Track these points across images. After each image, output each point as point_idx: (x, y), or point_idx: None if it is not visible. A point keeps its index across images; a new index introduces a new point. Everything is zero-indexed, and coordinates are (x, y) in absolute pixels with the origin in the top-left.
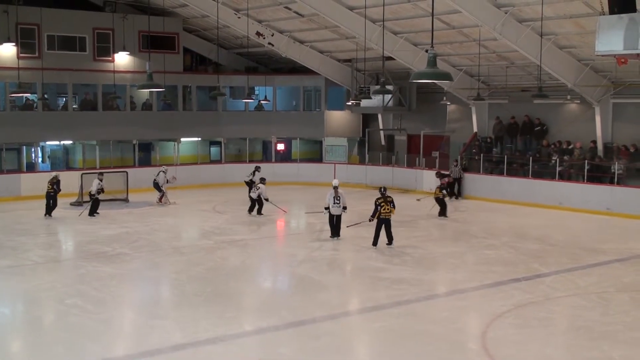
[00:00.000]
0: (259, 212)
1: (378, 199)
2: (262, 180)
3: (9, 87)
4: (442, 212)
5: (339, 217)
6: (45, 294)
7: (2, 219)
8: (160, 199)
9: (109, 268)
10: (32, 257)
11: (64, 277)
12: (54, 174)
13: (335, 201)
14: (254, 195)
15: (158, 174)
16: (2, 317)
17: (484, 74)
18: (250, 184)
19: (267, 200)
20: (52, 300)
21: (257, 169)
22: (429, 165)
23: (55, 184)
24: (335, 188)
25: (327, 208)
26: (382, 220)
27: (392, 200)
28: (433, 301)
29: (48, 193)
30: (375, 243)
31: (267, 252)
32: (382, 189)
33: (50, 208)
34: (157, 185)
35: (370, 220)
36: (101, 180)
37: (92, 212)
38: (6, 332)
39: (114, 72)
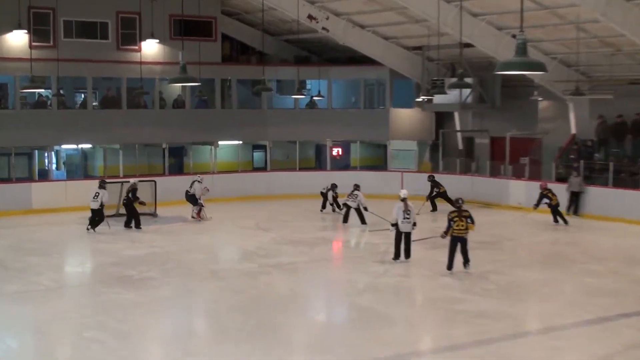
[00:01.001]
0: (363, 222)
1: (452, 212)
2: (357, 187)
3: (19, 81)
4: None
5: (408, 235)
6: (60, 325)
7: (9, 236)
8: (197, 214)
9: (134, 295)
10: (44, 282)
11: (81, 305)
12: (132, 180)
13: (405, 216)
14: (352, 204)
15: (192, 185)
16: (9, 352)
17: (584, 64)
18: (327, 195)
19: (366, 209)
20: (67, 333)
21: (334, 187)
22: (517, 174)
23: (131, 192)
24: (404, 200)
25: (394, 225)
26: (456, 239)
27: (470, 215)
28: (522, 340)
29: (127, 203)
30: (450, 266)
31: (321, 278)
32: (458, 201)
33: (130, 219)
34: (192, 198)
35: (442, 237)
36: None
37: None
38: None
39: (141, 63)
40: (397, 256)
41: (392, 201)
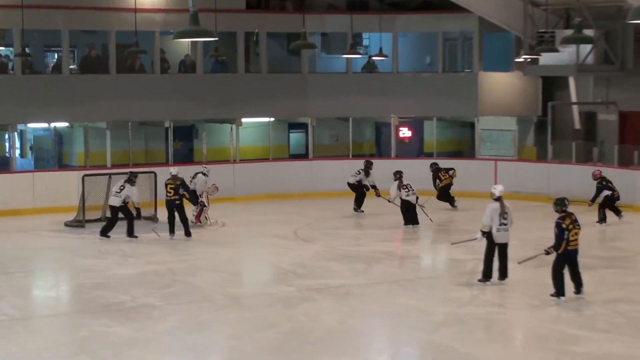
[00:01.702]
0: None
1: (562, 218)
2: (398, 174)
3: None
4: None
5: (505, 247)
6: None
7: None
8: (197, 217)
9: (126, 329)
10: (5, 310)
11: (55, 342)
12: (173, 170)
13: (502, 221)
14: (411, 199)
15: (195, 177)
16: None
17: None
18: (360, 188)
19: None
20: None
21: (369, 165)
22: None
23: (179, 186)
24: (499, 200)
25: (485, 233)
26: (567, 255)
27: (576, 219)
28: None
29: (171, 201)
30: (561, 292)
31: (383, 306)
32: (565, 202)
33: (174, 224)
34: (192, 195)
35: (547, 253)
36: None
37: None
38: None
39: (135, 10)
40: (488, 276)
41: (481, 201)
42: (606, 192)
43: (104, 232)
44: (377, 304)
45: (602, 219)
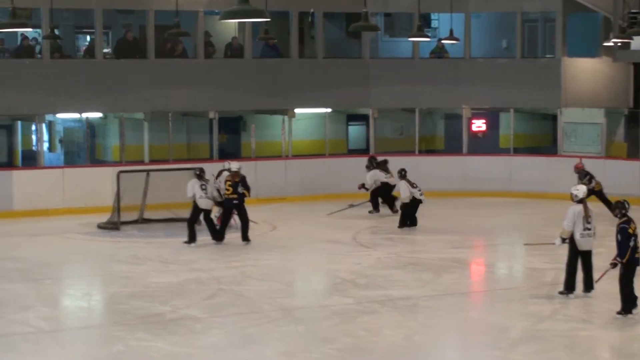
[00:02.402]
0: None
1: (627, 222)
2: (404, 172)
3: None
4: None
5: (589, 255)
6: None
7: None
8: (220, 218)
9: (166, 343)
10: (32, 321)
11: (87, 357)
12: (234, 165)
13: (586, 225)
14: (422, 198)
15: (219, 175)
16: None
17: None
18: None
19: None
20: None
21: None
22: None
23: (238, 183)
24: (582, 202)
25: (565, 239)
26: (634, 264)
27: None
28: None
29: (229, 200)
30: (632, 305)
31: (453, 320)
32: (622, 206)
33: (218, 231)
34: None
35: (613, 266)
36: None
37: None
38: None
39: None
40: (571, 288)
41: (562, 203)
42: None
43: (216, 236)
44: (447, 318)
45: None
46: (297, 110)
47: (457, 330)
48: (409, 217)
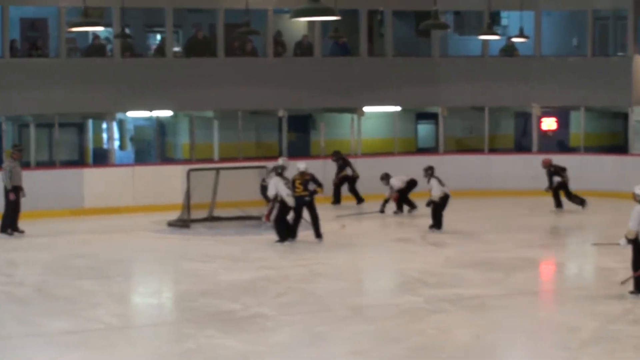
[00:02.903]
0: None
1: None
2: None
3: (65, 15)
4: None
5: None
6: None
7: (52, 249)
8: (267, 215)
9: (237, 341)
10: (103, 317)
11: (157, 354)
12: (301, 165)
13: None
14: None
15: (272, 171)
16: None
17: None
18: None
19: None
20: None
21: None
22: None
23: (308, 181)
24: None
25: (631, 240)
26: None
27: None
28: None
29: (300, 197)
30: None
31: (523, 320)
32: None
33: (290, 230)
34: (265, 192)
35: None
36: None
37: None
38: None
39: None
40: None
41: (633, 202)
42: (557, 179)
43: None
44: (516, 318)
45: (559, 205)
46: (367, 109)
47: (526, 330)
48: (438, 216)
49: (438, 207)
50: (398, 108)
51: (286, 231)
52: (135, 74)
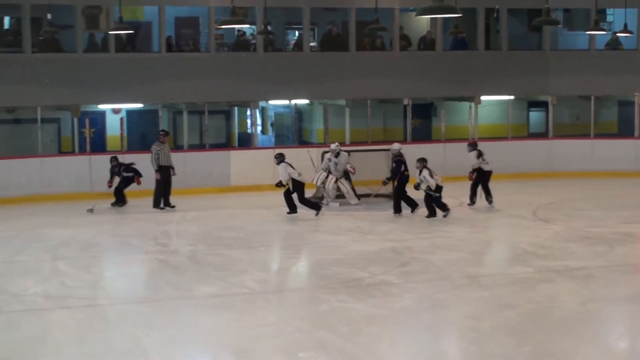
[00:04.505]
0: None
1: None
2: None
3: (214, 14)
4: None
5: None
6: (267, 342)
7: (203, 222)
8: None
9: (365, 305)
10: (247, 283)
11: (295, 316)
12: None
13: None
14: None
15: (339, 155)
16: None
17: None
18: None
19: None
20: (276, 353)
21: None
22: None
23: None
24: None
25: None
26: None
27: None
28: None
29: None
30: None
31: (624, 289)
32: None
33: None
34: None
35: None
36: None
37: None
38: None
39: None
40: None
41: None
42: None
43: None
44: (618, 288)
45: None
46: (483, 97)
47: (628, 299)
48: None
49: (429, 196)
50: (511, 97)
51: (311, 205)
52: (276, 66)
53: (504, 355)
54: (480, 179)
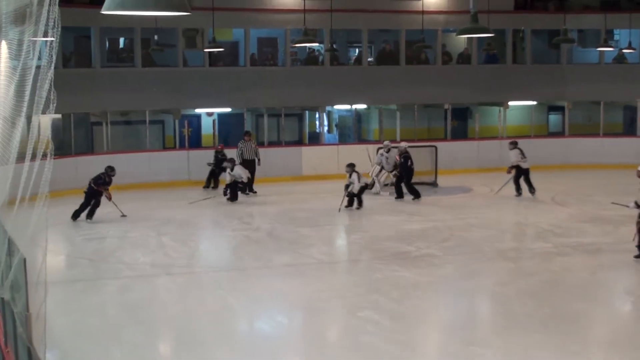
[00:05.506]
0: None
1: None
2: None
3: (289, 35)
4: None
5: None
6: (331, 303)
7: (280, 205)
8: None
9: (412, 274)
10: (315, 255)
11: (354, 282)
12: (403, 144)
13: None
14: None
15: (389, 151)
16: (279, 328)
17: None
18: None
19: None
20: (339, 312)
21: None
22: None
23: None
24: None
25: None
26: None
27: None
28: None
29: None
30: None
31: (628, 261)
32: None
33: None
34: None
35: None
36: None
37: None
38: (284, 346)
39: (423, 12)
40: None
41: None
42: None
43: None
44: (623, 259)
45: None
46: (510, 103)
47: (631, 268)
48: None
49: (360, 193)
50: (534, 102)
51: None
52: (340, 77)
53: (526, 314)
54: (521, 174)
